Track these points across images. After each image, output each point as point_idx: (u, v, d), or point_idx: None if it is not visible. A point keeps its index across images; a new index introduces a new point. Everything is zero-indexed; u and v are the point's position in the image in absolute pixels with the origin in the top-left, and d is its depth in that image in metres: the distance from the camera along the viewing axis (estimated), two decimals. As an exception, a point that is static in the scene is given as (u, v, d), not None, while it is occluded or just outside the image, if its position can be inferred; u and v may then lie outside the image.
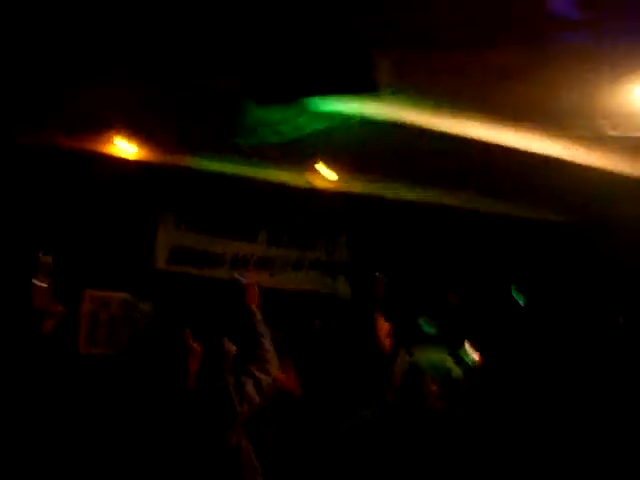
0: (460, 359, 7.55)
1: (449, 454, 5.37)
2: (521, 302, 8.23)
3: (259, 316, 3.68)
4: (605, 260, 8.30)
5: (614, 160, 6.31)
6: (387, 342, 5.07)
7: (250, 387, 3.32)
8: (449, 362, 7.34)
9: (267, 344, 3.55)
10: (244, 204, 8.14)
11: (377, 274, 8.10)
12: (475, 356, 7.69)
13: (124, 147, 6.66)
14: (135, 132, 6.45)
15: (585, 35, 4.06)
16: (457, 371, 7.03)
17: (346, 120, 5.38)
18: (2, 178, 6.86)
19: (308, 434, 5.48)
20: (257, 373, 3.39)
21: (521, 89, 4.96)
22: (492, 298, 8.39)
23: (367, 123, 5.52)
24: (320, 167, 7.18)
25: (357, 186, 7.63)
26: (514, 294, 8.22)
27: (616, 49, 4.21)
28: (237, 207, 8.22)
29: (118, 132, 6.45)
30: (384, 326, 5.09)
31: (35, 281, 6.95)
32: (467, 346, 7.79)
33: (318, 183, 7.40)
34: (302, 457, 4.98)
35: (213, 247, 8.23)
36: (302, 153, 6.68)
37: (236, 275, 3.77)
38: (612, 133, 5.44)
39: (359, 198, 7.81)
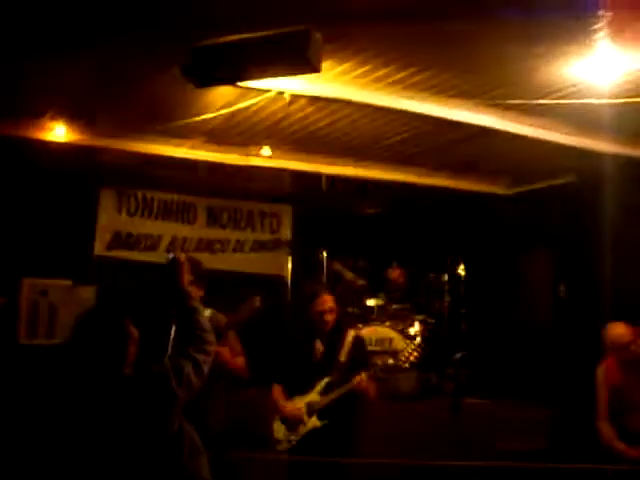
0: (406, 333, 7.67)
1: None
2: (463, 275, 8.32)
3: (192, 294, 3.62)
4: (540, 229, 8.42)
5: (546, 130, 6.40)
6: (331, 317, 5.05)
7: (189, 369, 3.26)
8: (392, 334, 7.47)
9: (203, 322, 3.49)
10: (182, 186, 8.06)
11: (321, 253, 8.14)
12: (419, 329, 7.80)
13: (61, 132, 6.52)
14: (72, 116, 6.31)
15: (521, 10, 4.06)
16: (400, 342, 7.16)
17: (278, 95, 5.32)
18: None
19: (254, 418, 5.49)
20: (196, 354, 3.33)
21: (464, 62, 4.97)
22: (436, 272, 8.47)
23: (300, 99, 5.49)
24: (258, 145, 7.12)
25: (297, 163, 7.57)
26: (458, 268, 8.31)
27: (550, 24, 4.24)
28: (175, 189, 8.13)
29: (54, 117, 6.30)
30: (327, 300, 5.06)
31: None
32: (412, 320, 7.90)
33: (257, 161, 7.33)
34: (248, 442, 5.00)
35: (152, 230, 8.14)
36: (239, 132, 6.62)
37: (170, 255, 3.69)
38: (545, 102, 5.47)
39: (300, 175, 7.76)
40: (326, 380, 4.93)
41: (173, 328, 3.79)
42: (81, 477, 3.19)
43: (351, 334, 5.19)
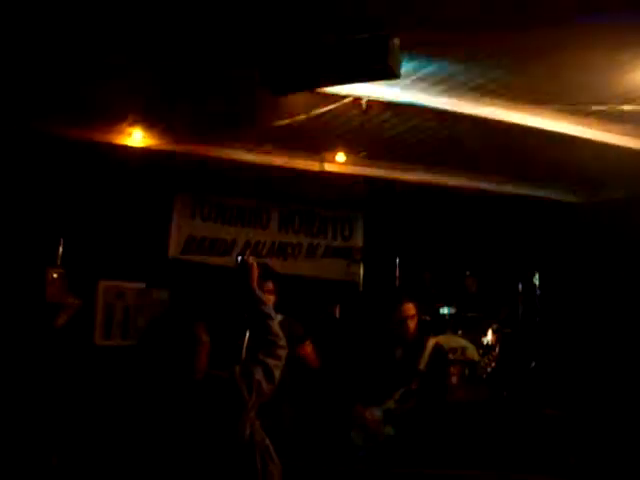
0: (479, 342, 7.54)
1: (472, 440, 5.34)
2: (537, 284, 8.16)
3: (263, 298, 3.60)
4: (620, 240, 8.21)
5: (629, 137, 6.24)
6: (412, 325, 5.02)
7: (259, 375, 3.24)
8: (466, 344, 7.36)
9: (275, 327, 3.46)
10: (256, 191, 8.09)
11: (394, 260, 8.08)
12: (492, 338, 7.67)
13: (138, 137, 6.62)
14: (149, 122, 6.39)
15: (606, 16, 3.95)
16: (474, 352, 7.03)
17: (355, 101, 5.28)
18: (18, 169, 6.83)
19: (329, 424, 5.46)
20: (266, 359, 3.31)
21: (542, 70, 4.87)
22: (510, 281, 8.33)
23: (377, 105, 5.45)
24: (333, 151, 7.10)
25: (371, 170, 7.53)
26: (533, 278, 8.16)
27: (636, 30, 4.12)
28: (249, 194, 8.17)
29: (132, 122, 6.39)
30: (409, 308, 5.03)
31: (48, 273, 7.00)
32: (485, 329, 7.77)
33: (331, 167, 7.32)
34: (320, 449, 4.97)
35: (225, 235, 8.20)
36: (314, 137, 6.61)
37: (239, 257, 3.67)
38: (626, 108, 5.33)
39: (374, 182, 7.72)
40: (404, 389, 4.89)
41: (247, 334, 3.79)
42: (153, 478, 3.21)
43: (432, 342, 5.15)
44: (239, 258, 3.67)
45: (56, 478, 4.44)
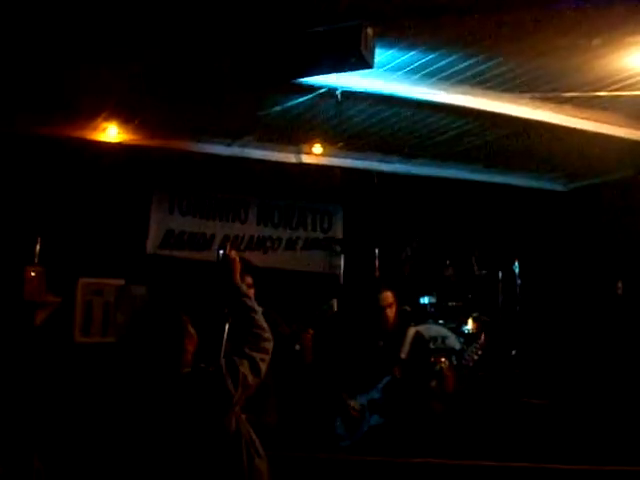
0: (460, 331, 7.57)
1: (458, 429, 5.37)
2: (517, 272, 8.19)
3: (246, 292, 3.58)
4: (600, 227, 8.26)
5: (606, 124, 6.27)
6: (391, 313, 5.03)
7: (245, 368, 3.23)
8: (446, 333, 7.38)
9: (260, 320, 3.45)
10: (234, 184, 8.06)
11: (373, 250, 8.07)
12: (473, 326, 7.69)
13: (113, 133, 6.59)
14: (124, 117, 6.36)
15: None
16: (454, 341, 7.07)
17: (330, 92, 5.27)
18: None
19: (315, 417, 5.46)
20: (252, 353, 3.30)
21: (515, 58, 4.90)
22: (491, 269, 8.36)
23: (353, 96, 5.44)
24: (310, 143, 7.10)
25: (349, 161, 7.54)
26: (513, 266, 8.18)
27: (612, 12, 4.13)
28: (227, 188, 8.14)
29: (107, 118, 6.36)
30: (387, 297, 5.05)
31: (27, 272, 6.94)
32: (467, 318, 7.80)
33: (308, 159, 7.31)
34: (305, 441, 4.96)
35: (204, 229, 8.16)
36: (290, 130, 6.60)
37: (220, 251, 3.65)
38: (602, 94, 5.35)
39: (351, 172, 7.72)
40: (387, 378, 4.91)
41: (227, 327, 3.77)
42: (139, 475, 3.19)
43: (412, 331, 5.18)
44: (221, 252, 3.65)
45: (38, 478, 4.40)
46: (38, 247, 7.10)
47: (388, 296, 5.11)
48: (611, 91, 5.36)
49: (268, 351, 3.38)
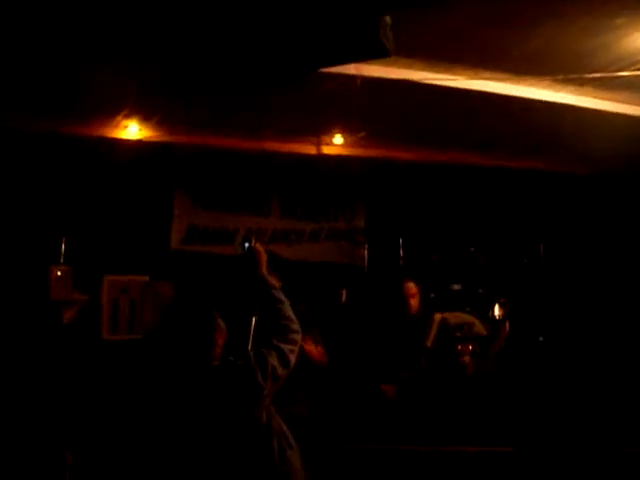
0: (486, 317, 7.53)
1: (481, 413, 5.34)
2: (543, 257, 8.15)
3: (273, 283, 3.58)
4: (625, 210, 8.18)
5: (628, 105, 6.20)
6: (415, 304, 5.03)
7: (274, 360, 3.24)
8: (473, 319, 7.35)
9: (287, 311, 3.45)
10: (255, 178, 8.06)
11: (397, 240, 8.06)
12: (500, 313, 7.65)
13: (134, 130, 6.62)
14: (144, 114, 6.38)
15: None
16: (481, 328, 7.05)
17: (349, 81, 5.23)
18: (16, 169, 6.82)
19: (342, 407, 5.46)
20: (281, 344, 3.31)
21: (538, 40, 4.83)
22: (517, 255, 8.32)
23: (372, 84, 5.40)
24: (330, 134, 7.08)
25: (370, 150, 7.51)
26: (538, 251, 8.14)
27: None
28: (249, 182, 8.13)
29: (127, 115, 6.38)
30: (410, 287, 5.06)
31: (52, 272, 7.00)
32: (493, 304, 7.76)
33: (329, 150, 7.30)
34: (338, 432, 4.97)
35: (227, 224, 8.15)
36: (310, 120, 6.58)
37: (246, 244, 3.66)
38: (624, 74, 5.29)
39: (372, 162, 7.69)
40: (413, 366, 4.91)
41: (254, 320, 3.78)
42: (170, 470, 3.20)
43: (438, 317, 5.18)
44: (246, 245, 3.66)
45: (71, 476, 4.43)
46: (63, 246, 7.15)
47: (411, 286, 5.15)
48: (634, 70, 5.29)
49: (296, 342, 3.38)
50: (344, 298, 7.23)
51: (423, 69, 5.25)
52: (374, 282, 7.97)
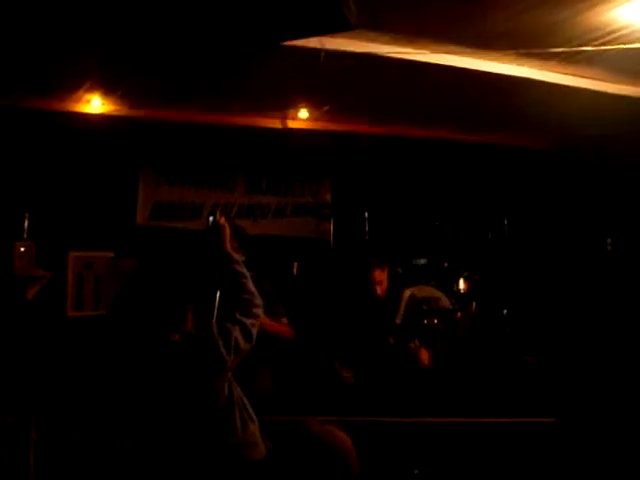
0: (451, 291, 7.59)
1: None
2: (507, 230, 8.21)
3: (236, 258, 3.58)
4: (589, 184, 8.26)
5: (593, 80, 6.24)
6: (382, 290, 5.06)
7: (237, 334, 3.25)
8: (439, 294, 7.41)
9: (249, 286, 3.46)
10: (220, 153, 8.02)
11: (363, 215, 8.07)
12: (464, 287, 7.72)
13: (97, 104, 6.54)
14: (107, 88, 6.30)
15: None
16: (446, 301, 7.11)
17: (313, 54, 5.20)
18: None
19: (306, 383, 5.48)
20: (243, 318, 3.32)
21: (496, 13, 4.83)
22: (482, 229, 8.37)
23: (336, 57, 5.37)
24: (295, 108, 7.06)
25: (336, 125, 7.49)
26: (502, 225, 8.20)
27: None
28: (214, 157, 8.09)
29: (89, 88, 6.29)
30: (377, 275, 5.07)
31: (16, 248, 6.92)
32: (458, 278, 7.82)
33: (294, 124, 7.27)
34: (299, 407, 4.98)
35: (193, 199, 8.12)
36: (275, 95, 6.55)
37: (210, 218, 3.65)
38: (590, 48, 5.31)
39: (338, 137, 7.68)
40: (380, 345, 4.94)
41: (218, 293, 3.78)
42: (133, 443, 3.21)
43: (407, 293, 5.21)
44: (210, 219, 3.65)
45: (36, 451, 4.43)
46: (26, 222, 7.07)
47: (378, 274, 5.14)
48: (597, 45, 5.30)
49: (259, 316, 3.40)
50: (295, 271, 7.23)
51: (387, 42, 5.23)
52: (340, 257, 7.99)
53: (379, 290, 5.13)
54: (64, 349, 6.58)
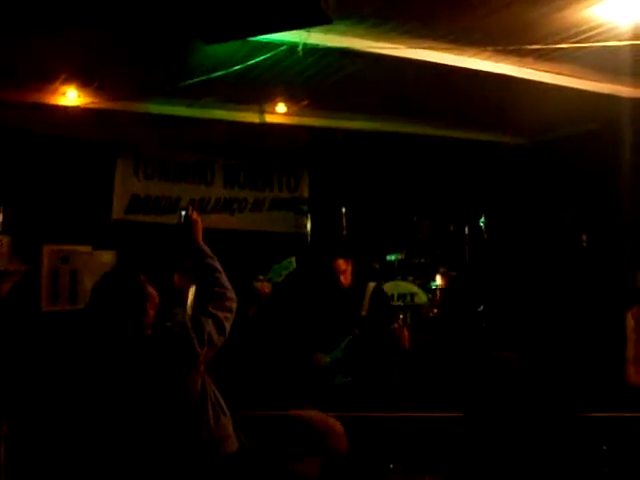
0: (427, 286, 7.62)
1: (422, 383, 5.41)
2: (484, 227, 8.23)
3: (210, 253, 3.57)
4: (565, 180, 8.30)
5: (569, 77, 6.27)
6: (346, 280, 5.09)
7: (210, 327, 3.24)
8: (414, 288, 7.43)
9: (223, 280, 3.46)
10: (198, 146, 7.99)
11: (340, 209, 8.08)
12: (441, 282, 7.74)
13: (72, 96, 6.48)
14: (82, 80, 6.25)
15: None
16: (423, 297, 7.14)
17: (291, 49, 5.19)
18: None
19: (278, 377, 5.49)
20: (216, 312, 3.31)
21: (472, 11, 4.84)
22: (459, 225, 8.40)
23: (315, 52, 5.37)
24: (273, 102, 7.04)
25: (314, 119, 7.48)
26: (479, 221, 8.22)
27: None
28: (191, 150, 8.07)
29: (65, 81, 6.24)
30: (341, 265, 5.10)
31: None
32: (434, 274, 7.84)
33: (272, 119, 7.25)
34: (269, 400, 4.99)
35: (169, 193, 8.10)
36: (253, 89, 6.53)
37: (182, 212, 3.63)
38: (563, 46, 5.33)
39: (316, 131, 7.67)
40: (349, 337, 4.96)
41: (192, 288, 3.77)
42: (106, 438, 3.20)
43: (370, 286, 5.25)
44: (183, 213, 3.63)
45: (7, 446, 4.40)
46: (1, 216, 7.01)
47: (340, 263, 5.18)
48: (573, 43, 5.33)
49: (232, 310, 3.39)
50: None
51: (365, 37, 5.22)
52: (317, 251, 8.00)
53: (343, 279, 5.18)
54: (38, 344, 6.53)
